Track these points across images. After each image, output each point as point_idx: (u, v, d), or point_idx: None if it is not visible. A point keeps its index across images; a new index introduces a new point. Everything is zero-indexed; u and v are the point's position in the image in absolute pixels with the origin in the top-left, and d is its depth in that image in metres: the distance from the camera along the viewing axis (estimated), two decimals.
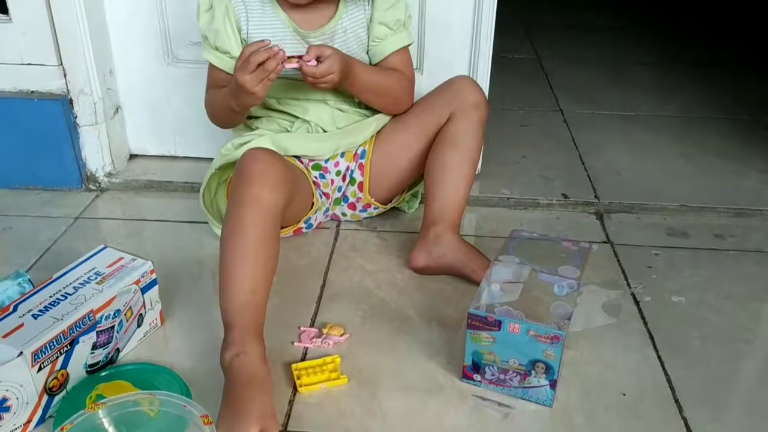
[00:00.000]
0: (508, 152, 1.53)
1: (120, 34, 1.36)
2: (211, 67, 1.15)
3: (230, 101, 1.06)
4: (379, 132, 1.21)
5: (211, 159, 1.35)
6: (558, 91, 1.93)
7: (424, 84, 1.30)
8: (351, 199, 1.23)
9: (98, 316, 0.87)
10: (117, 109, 1.41)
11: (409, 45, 1.19)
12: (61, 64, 1.31)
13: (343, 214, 1.26)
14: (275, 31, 1.11)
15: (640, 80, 2.03)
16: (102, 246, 0.98)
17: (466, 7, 1.27)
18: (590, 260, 1.02)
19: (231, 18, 1.10)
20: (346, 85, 1.11)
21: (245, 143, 1.13)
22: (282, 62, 0.98)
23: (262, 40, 0.99)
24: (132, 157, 1.48)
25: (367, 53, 1.17)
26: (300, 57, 1.01)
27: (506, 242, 1.01)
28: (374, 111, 1.20)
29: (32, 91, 1.33)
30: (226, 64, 1.12)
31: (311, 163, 1.18)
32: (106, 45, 1.35)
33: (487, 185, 1.38)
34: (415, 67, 1.32)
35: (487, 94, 1.30)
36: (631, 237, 1.26)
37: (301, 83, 1.07)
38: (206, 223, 1.21)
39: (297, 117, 1.16)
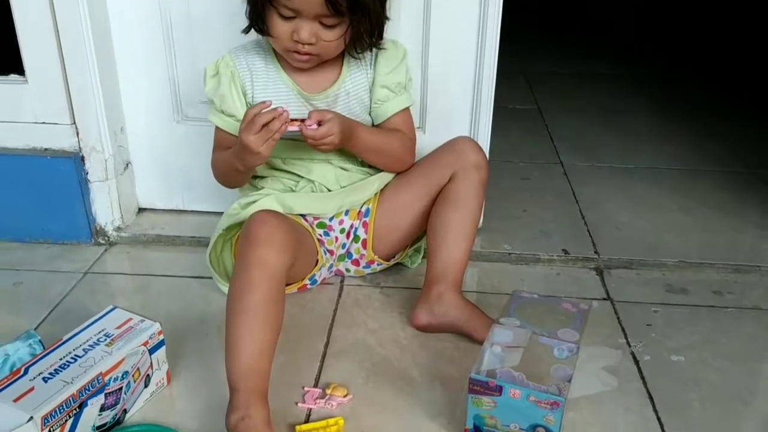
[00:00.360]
0: (510, 206, 1.56)
1: (131, 93, 1.40)
2: (217, 129, 1.18)
3: (235, 162, 1.10)
4: (382, 190, 1.24)
5: (218, 213, 1.39)
6: (558, 142, 1.96)
7: (426, 142, 1.34)
8: (355, 256, 1.26)
9: (107, 378, 0.89)
10: (127, 164, 1.45)
11: (409, 106, 1.23)
12: (74, 123, 1.35)
13: (347, 270, 1.28)
14: (280, 94, 1.15)
15: (638, 130, 2.07)
16: (111, 307, 1.01)
17: (467, 71, 1.31)
18: (590, 318, 1.03)
19: (236, 83, 1.14)
20: (348, 147, 1.14)
21: (251, 203, 1.16)
22: (285, 123, 1.01)
23: (264, 102, 1.03)
24: (140, 210, 1.51)
25: (370, 114, 1.21)
26: (302, 120, 1.05)
27: (507, 303, 1.03)
28: (377, 169, 1.23)
29: (45, 149, 1.37)
30: (232, 127, 1.16)
31: (316, 221, 1.21)
32: (117, 104, 1.39)
33: (489, 240, 1.41)
34: (417, 126, 1.36)
35: (488, 150, 1.34)
36: (630, 293, 1.27)
37: (304, 143, 1.11)
38: (212, 278, 1.23)
39: (301, 176, 1.19)
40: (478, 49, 1.29)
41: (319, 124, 1.06)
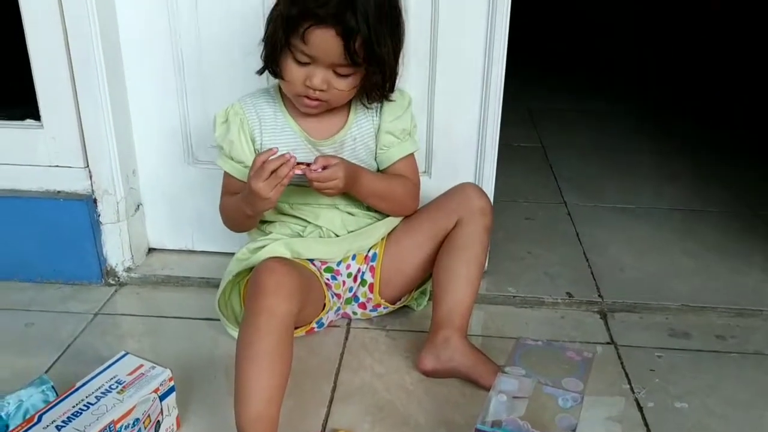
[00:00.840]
0: (514, 247, 1.58)
1: (144, 137, 1.43)
2: (226, 174, 1.21)
3: (244, 207, 1.12)
4: (389, 235, 1.27)
5: (226, 254, 1.41)
6: (562, 182, 1.99)
7: (432, 187, 1.37)
8: (362, 299, 1.28)
9: (119, 426, 0.91)
10: (138, 206, 1.48)
11: (414, 152, 1.25)
12: (88, 166, 1.38)
13: (354, 313, 1.30)
14: (287, 140, 1.18)
15: (640, 170, 2.10)
16: (123, 352, 1.02)
17: (472, 118, 1.34)
18: (594, 365, 1.05)
19: (245, 130, 1.17)
20: (353, 191, 1.17)
21: (260, 248, 1.18)
22: (293, 168, 1.04)
23: (271, 149, 1.05)
24: (151, 251, 1.53)
25: (375, 159, 1.24)
26: (308, 165, 1.08)
27: (512, 350, 1.05)
28: (384, 215, 1.26)
29: (59, 191, 1.40)
30: (241, 173, 1.18)
31: (323, 266, 1.23)
32: (130, 147, 1.42)
33: (493, 282, 1.43)
34: (422, 170, 1.39)
35: (492, 193, 1.37)
36: (634, 338, 1.29)
37: (311, 189, 1.13)
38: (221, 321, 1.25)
39: (309, 222, 1.21)
40: (483, 98, 1.32)
41: (324, 168, 1.08)
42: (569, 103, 2.79)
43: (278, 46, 1.07)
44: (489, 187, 1.38)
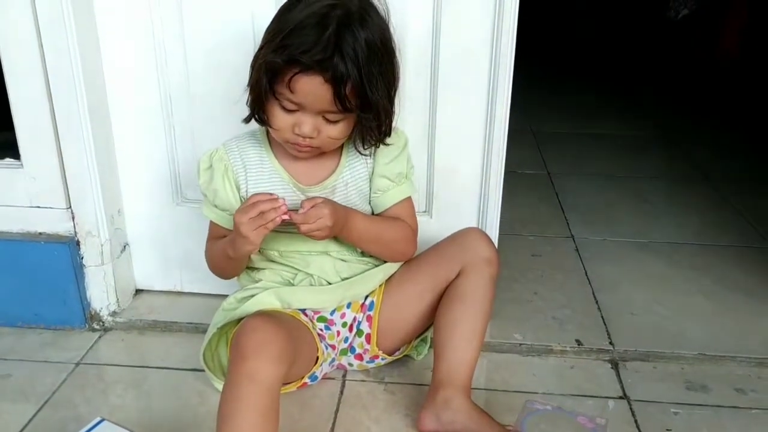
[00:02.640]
0: (520, 287, 1.50)
1: (130, 176, 1.37)
2: (212, 223, 1.15)
3: (227, 248, 1.06)
4: (387, 281, 1.19)
5: (216, 296, 1.36)
6: (569, 212, 1.91)
7: (433, 228, 1.29)
8: (358, 350, 1.20)
9: None
10: (124, 246, 1.41)
11: (411, 195, 1.18)
12: (70, 207, 1.31)
13: (350, 365, 1.23)
14: (274, 186, 1.10)
15: (650, 198, 2.02)
16: (99, 419, 0.95)
17: (475, 156, 1.27)
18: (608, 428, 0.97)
19: (230, 177, 1.10)
20: (343, 235, 1.09)
21: (249, 297, 1.11)
22: (281, 215, 0.98)
23: (270, 193, 1.00)
24: (138, 292, 1.46)
25: (369, 203, 1.16)
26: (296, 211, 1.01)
27: (520, 416, 0.97)
28: (380, 260, 1.18)
29: (40, 233, 1.33)
30: (226, 221, 1.12)
31: (316, 316, 1.16)
32: (115, 186, 1.36)
33: (498, 328, 1.35)
34: (423, 210, 1.32)
35: (497, 237, 1.29)
36: (648, 391, 1.20)
37: (300, 236, 1.05)
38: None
39: (299, 270, 1.14)
40: (487, 135, 1.26)
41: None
42: (576, 126, 2.72)
43: (263, 93, 1.00)
44: (493, 231, 1.30)
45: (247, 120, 1.08)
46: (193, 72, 1.28)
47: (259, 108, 1.04)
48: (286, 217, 0.99)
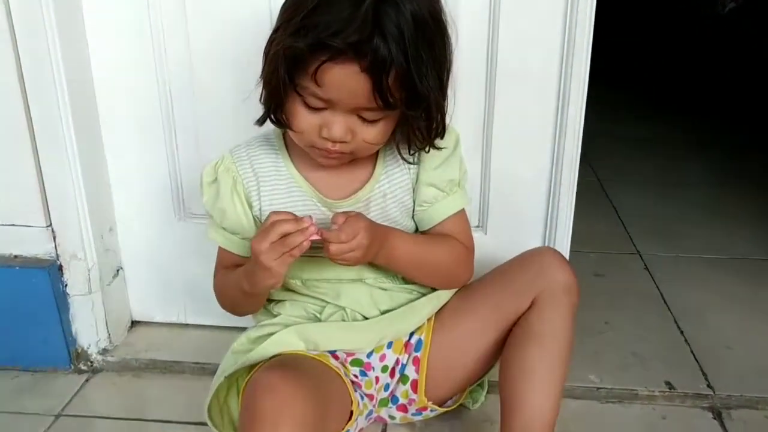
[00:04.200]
0: (588, 316, 1.25)
1: (124, 187, 1.15)
2: (220, 248, 0.93)
3: (242, 281, 0.84)
4: (438, 313, 0.96)
5: (226, 329, 1.16)
6: (630, 225, 1.67)
7: (488, 246, 1.07)
8: (401, 401, 0.96)
9: None
10: (117, 271, 1.18)
11: (465, 207, 0.95)
12: (50, 225, 1.09)
13: (391, 417, 0.99)
14: (295, 202, 0.88)
15: (722, 208, 1.78)
16: None
17: (542, 155, 1.06)
18: None
19: (240, 192, 0.88)
20: (382, 260, 0.87)
21: (265, 336, 0.89)
22: (309, 239, 0.76)
23: (290, 213, 0.79)
24: (134, 324, 1.24)
25: (413, 218, 0.93)
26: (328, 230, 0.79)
27: None
28: (428, 288, 0.95)
29: (15, 256, 1.11)
30: (237, 246, 0.90)
31: (350, 358, 0.93)
32: (105, 200, 1.14)
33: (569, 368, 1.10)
34: (476, 224, 1.10)
35: (567, 256, 1.06)
36: None
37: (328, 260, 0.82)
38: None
39: (328, 302, 0.91)
40: (557, 128, 1.03)
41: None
42: (622, 128, 2.47)
43: (281, 88, 0.77)
44: (564, 248, 1.07)
45: (260, 121, 0.86)
46: (199, 63, 1.07)
47: (275, 106, 0.81)
48: (316, 236, 0.77)
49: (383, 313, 0.92)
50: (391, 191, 0.90)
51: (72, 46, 1.02)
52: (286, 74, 0.75)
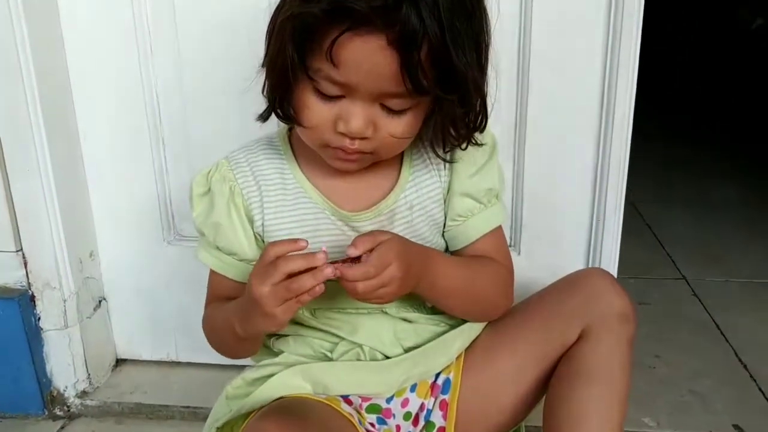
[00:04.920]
0: (636, 349, 1.09)
1: (106, 206, 1.03)
2: (212, 273, 0.79)
3: (235, 322, 0.69)
4: (469, 349, 0.81)
5: (221, 367, 1.03)
6: (671, 248, 1.53)
7: (521, 268, 0.91)
8: None
9: None
10: (99, 302, 1.05)
11: (503, 222, 0.81)
12: (21, 249, 0.97)
13: None
14: (305, 216, 0.74)
15: (757, 228, 1.65)
16: None
17: (584, 163, 0.92)
18: None
19: (238, 205, 0.75)
20: (421, 290, 0.72)
21: (264, 377, 0.75)
22: (322, 281, 0.61)
23: (296, 240, 0.63)
24: (119, 363, 1.11)
25: (443, 235, 0.79)
26: (344, 261, 0.64)
27: None
28: (456, 318, 0.80)
29: None
30: (234, 270, 0.76)
31: (366, 403, 0.78)
32: (84, 220, 1.02)
33: None
34: (510, 243, 0.97)
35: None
36: None
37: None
38: None
39: (341, 338, 0.76)
40: (601, 132, 0.89)
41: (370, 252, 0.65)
42: (650, 149, 2.33)
43: (289, 71, 0.64)
44: (611, 271, 0.93)
45: (264, 116, 0.72)
46: (188, 63, 0.95)
47: (282, 96, 0.67)
48: (330, 275, 0.62)
49: (407, 350, 0.78)
50: (418, 202, 0.76)
51: (45, 48, 0.92)
52: (295, 53, 0.62)
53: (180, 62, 0.94)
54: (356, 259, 0.64)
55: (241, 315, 0.68)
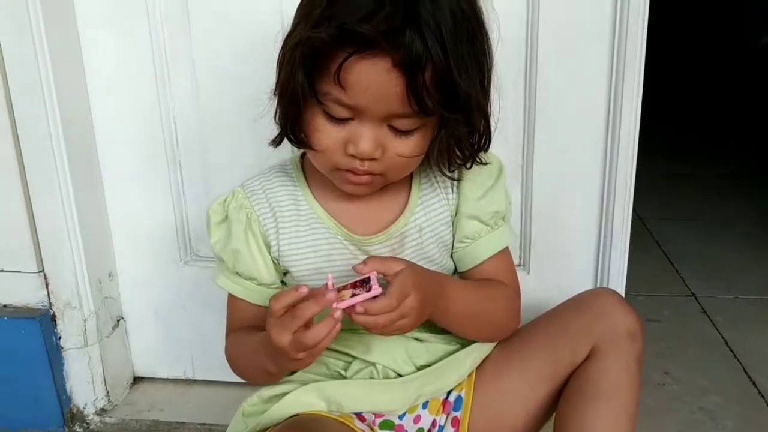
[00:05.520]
0: (644, 366, 1.11)
1: (125, 228, 1.05)
2: (232, 298, 0.80)
3: (264, 360, 0.70)
4: (480, 366, 0.82)
5: (238, 385, 1.00)
6: (680, 264, 1.54)
7: (530, 287, 0.94)
8: None
9: None
10: (117, 321, 1.07)
11: (510, 244, 0.82)
12: (42, 270, 0.99)
13: None
14: (318, 241, 0.76)
15: (765, 244, 1.63)
16: None
17: (591, 183, 0.93)
18: None
19: (255, 232, 0.76)
20: (434, 316, 0.73)
21: (278, 396, 0.76)
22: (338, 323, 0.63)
23: (297, 288, 0.64)
24: (136, 381, 1.12)
25: (451, 256, 0.81)
26: (353, 285, 0.65)
27: None
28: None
29: (4, 306, 1.02)
30: (255, 295, 0.78)
31: (378, 420, 0.79)
32: (104, 242, 1.04)
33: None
34: (518, 263, 0.98)
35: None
36: None
37: None
38: None
39: (355, 357, 0.78)
40: (607, 151, 0.91)
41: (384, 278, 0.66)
42: (654, 166, 2.34)
43: (300, 96, 0.66)
44: (619, 289, 0.94)
45: (276, 141, 0.74)
46: (205, 90, 0.97)
47: (293, 121, 0.70)
48: (340, 317, 0.63)
49: (420, 369, 0.79)
50: (428, 225, 0.78)
51: (66, 74, 0.94)
52: (305, 77, 0.64)
53: (196, 89, 0.97)
54: (362, 282, 0.65)
55: (268, 354, 0.68)
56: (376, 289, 0.64)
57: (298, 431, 0.69)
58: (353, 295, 0.64)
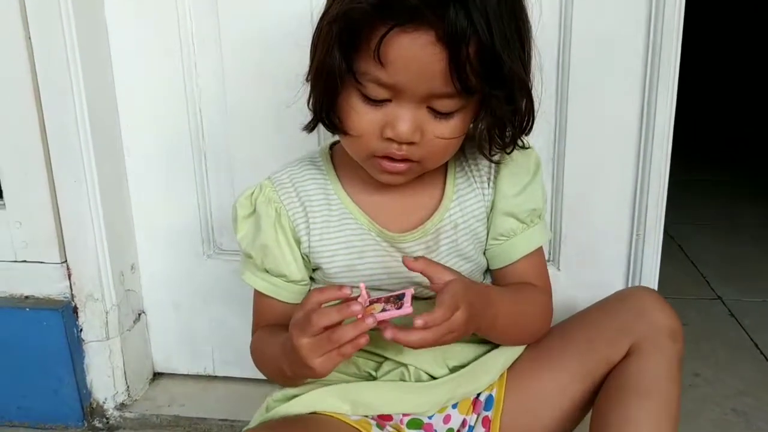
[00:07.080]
0: None
1: (147, 220, 1.04)
2: (259, 295, 0.77)
3: (282, 360, 0.67)
4: (511, 367, 0.80)
5: (259, 381, 1.01)
6: (705, 269, 1.51)
7: (561, 284, 0.92)
8: None
9: None
10: (139, 315, 1.06)
11: (545, 243, 0.80)
12: (65, 261, 0.98)
13: None
14: (350, 238, 0.74)
15: None
16: None
17: (624, 178, 0.91)
18: None
19: (285, 227, 0.74)
20: (481, 331, 0.72)
21: (300, 396, 0.73)
22: (364, 332, 0.59)
23: (341, 287, 0.61)
24: (156, 376, 1.11)
25: (485, 254, 0.79)
26: (386, 300, 0.63)
27: None
28: None
29: (26, 297, 1.00)
30: (284, 293, 0.75)
31: (406, 419, 0.77)
32: (126, 234, 1.03)
33: None
34: (549, 258, 0.96)
35: None
36: None
37: None
38: None
39: (386, 358, 0.76)
40: (641, 146, 0.89)
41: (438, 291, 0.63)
42: (679, 171, 2.32)
43: (336, 76, 0.64)
44: (652, 286, 0.93)
45: (309, 127, 0.72)
46: (232, 77, 0.96)
47: (328, 104, 0.67)
48: (372, 325, 0.59)
49: (452, 370, 0.77)
50: (463, 221, 0.76)
51: (93, 67, 0.94)
52: (342, 56, 0.62)
53: (223, 78, 0.96)
54: (395, 298, 0.62)
55: (286, 355, 0.65)
56: (407, 308, 0.60)
57: (287, 428, 0.67)
58: (383, 310, 0.61)
